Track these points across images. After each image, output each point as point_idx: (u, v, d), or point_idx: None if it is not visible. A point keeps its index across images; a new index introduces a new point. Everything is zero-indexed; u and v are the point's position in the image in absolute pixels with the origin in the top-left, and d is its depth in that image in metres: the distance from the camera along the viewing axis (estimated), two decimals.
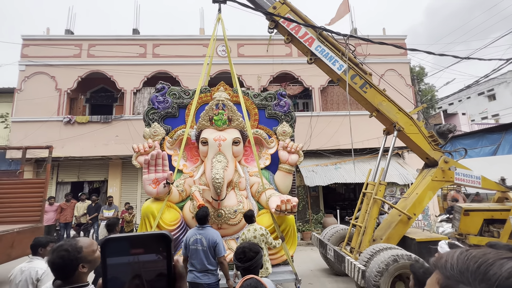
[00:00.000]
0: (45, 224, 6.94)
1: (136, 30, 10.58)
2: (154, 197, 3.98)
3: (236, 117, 4.64)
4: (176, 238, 4.04)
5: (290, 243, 4.10)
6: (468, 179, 4.91)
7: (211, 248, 2.77)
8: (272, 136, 4.90)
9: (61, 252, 1.20)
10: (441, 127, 5.06)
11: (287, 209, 3.71)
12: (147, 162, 3.79)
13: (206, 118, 4.56)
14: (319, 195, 9.57)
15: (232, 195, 4.29)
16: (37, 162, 8.46)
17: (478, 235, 4.93)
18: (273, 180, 4.67)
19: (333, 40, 4.91)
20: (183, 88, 5.09)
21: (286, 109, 5.04)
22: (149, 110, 4.77)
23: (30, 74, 8.79)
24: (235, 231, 4.19)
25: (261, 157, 4.83)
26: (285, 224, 4.01)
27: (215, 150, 4.31)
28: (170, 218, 4.02)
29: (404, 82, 9.76)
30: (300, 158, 4.58)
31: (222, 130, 4.56)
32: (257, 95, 5.13)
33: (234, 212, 4.09)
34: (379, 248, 3.91)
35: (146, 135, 4.58)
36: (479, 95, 29.04)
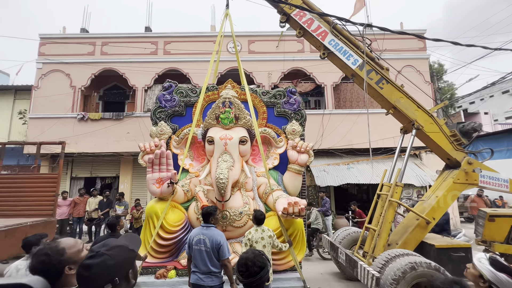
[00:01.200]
0: (58, 218, 7.12)
1: (148, 27, 10.66)
2: (158, 197, 3.90)
3: (244, 115, 4.48)
4: (179, 240, 3.94)
5: (298, 248, 3.90)
6: (494, 182, 4.54)
7: (214, 250, 2.65)
8: (281, 135, 4.71)
9: (40, 257, 1.11)
10: (465, 126, 4.69)
11: (294, 212, 3.51)
12: (151, 161, 3.72)
13: (213, 117, 4.43)
14: (331, 196, 9.30)
15: (238, 196, 4.14)
16: (52, 157, 8.69)
17: (504, 243, 4.56)
18: (282, 181, 4.48)
19: (347, 33, 4.67)
20: (190, 87, 5.01)
21: (296, 107, 4.84)
22: (156, 109, 4.72)
23: (47, 71, 9.03)
24: (240, 233, 4.00)
25: (269, 157, 4.66)
26: (293, 227, 3.83)
27: (221, 149, 4.17)
28: (174, 218, 3.92)
29: (423, 78, 9.28)
30: (310, 158, 4.37)
31: (228, 129, 4.42)
32: (265, 92, 4.95)
33: (239, 214, 3.93)
34: (395, 254, 3.66)
35: (153, 134, 4.53)
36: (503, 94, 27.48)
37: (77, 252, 1.19)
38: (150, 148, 4.18)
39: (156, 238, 3.77)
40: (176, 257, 3.99)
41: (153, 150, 4.05)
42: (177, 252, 4.01)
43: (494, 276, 1.42)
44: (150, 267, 3.83)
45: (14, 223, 4.72)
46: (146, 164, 3.92)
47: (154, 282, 3.65)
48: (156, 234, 3.74)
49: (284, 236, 3.67)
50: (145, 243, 3.84)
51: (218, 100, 4.51)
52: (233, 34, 4.76)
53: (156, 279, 3.69)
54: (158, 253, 3.90)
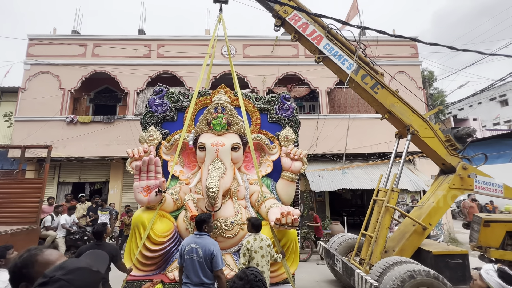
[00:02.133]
0: None
1: (141, 30, 10.54)
2: (146, 206, 3.71)
3: (236, 121, 4.37)
4: (167, 251, 3.73)
5: (291, 260, 3.76)
6: (489, 187, 4.54)
7: (207, 260, 2.50)
8: (275, 142, 4.61)
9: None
10: (459, 131, 4.71)
11: (287, 223, 3.40)
12: (138, 168, 3.53)
13: (204, 122, 4.30)
14: (325, 201, 9.22)
15: (230, 205, 3.98)
16: (38, 161, 8.36)
17: (500, 249, 4.54)
18: (275, 189, 4.36)
19: (342, 38, 4.66)
20: (182, 91, 4.88)
21: (290, 113, 4.76)
22: (146, 114, 4.56)
23: (35, 73, 8.76)
24: (231, 244, 3.86)
25: (262, 164, 4.54)
26: (286, 238, 3.68)
27: (212, 156, 4.04)
28: (162, 229, 3.72)
29: (415, 84, 9.40)
30: (304, 166, 4.27)
31: (220, 135, 4.29)
32: (259, 98, 4.86)
33: (230, 224, 3.77)
34: (393, 261, 3.58)
35: (142, 139, 4.36)
36: (490, 101, 28.29)
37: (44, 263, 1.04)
38: (138, 154, 3.99)
39: (143, 249, 3.56)
40: (163, 270, 3.77)
41: (141, 156, 3.86)
42: (165, 264, 3.78)
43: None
44: (135, 281, 3.60)
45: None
46: (134, 171, 3.72)
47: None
48: (143, 246, 3.53)
49: (276, 247, 3.53)
50: (131, 255, 3.63)
51: (210, 106, 4.39)
52: (226, 38, 4.68)
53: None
54: (144, 266, 3.67)
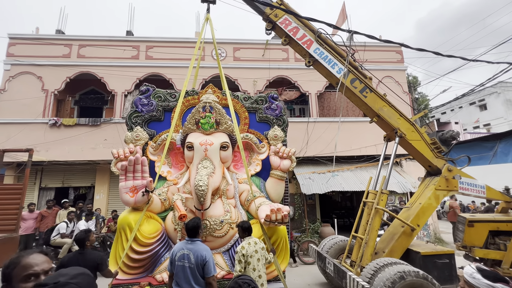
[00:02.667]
0: (24, 233, 6.46)
1: (130, 32, 10.33)
2: (132, 207, 3.61)
3: (225, 120, 4.36)
4: (155, 253, 3.63)
5: (281, 257, 3.76)
6: (472, 188, 4.71)
7: (199, 266, 2.43)
8: (263, 141, 4.65)
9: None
10: (444, 134, 4.87)
11: (277, 219, 3.38)
12: (124, 168, 3.43)
13: (192, 122, 4.27)
14: (316, 203, 9.28)
15: (219, 204, 3.96)
16: (19, 166, 7.96)
17: (483, 248, 4.70)
18: (264, 188, 4.37)
19: (331, 42, 4.74)
20: (169, 91, 4.82)
21: (278, 112, 4.84)
22: (132, 113, 4.47)
23: (16, 73, 8.39)
24: (221, 244, 3.83)
25: (251, 163, 4.56)
26: (276, 235, 3.69)
27: (201, 155, 4.01)
28: (150, 230, 3.63)
29: (401, 89, 9.69)
30: (292, 164, 4.32)
31: (209, 134, 4.27)
32: (247, 98, 4.89)
33: (220, 223, 3.74)
34: (384, 263, 3.62)
35: (128, 139, 4.25)
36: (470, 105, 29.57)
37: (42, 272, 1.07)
38: (124, 154, 3.90)
39: (129, 252, 3.45)
40: (151, 272, 3.67)
41: (127, 157, 3.76)
42: (152, 266, 3.68)
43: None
44: (121, 285, 3.47)
45: None
46: (119, 172, 3.62)
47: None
48: (129, 248, 3.43)
49: (267, 244, 3.52)
50: (117, 258, 3.50)
51: (198, 105, 4.37)
52: (213, 38, 4.66)
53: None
54: (131, 269, 3.56)
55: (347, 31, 3.87)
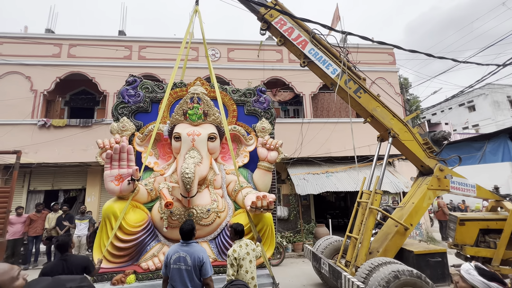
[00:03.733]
0: (11, 238, 6.28)
1: (122, 31, 10.18)
2: (117, 196, 3.58)
3: (213, 112, 4.40)
4: (141, 242, 3.63)
5: (267, 245, 3.83)
6: (463, 187, 4.79)
7: (196, 268, 2.39)
8: (251, 133, 4.71)
9: None
10: (436, 134, 4.96)
11: (263, 206, 3.44)
12: (109, 156, 3.40)
13: (180, 112, 4.29)
14: (310, 204, 9.32)
15: (206, 193, 4.00)
16: (6, 168, 7.73)
17: (474, 246, 4.79)
18: (252, 179, 4.44)
19: (326, 43, 4.77)
20: (156, 82, 4.83)
21: (266, 105, 4.92)
22: (118, 104, 4.44)
23: (3, 73, 8.15)
24: (207, 232, 3.87)
25: (239, 155, 4.62)
26: (262, 223, 3.76)
27: (188, 145, 4.03)
28: (135, 219, 3.62)
29: (394, 90, 9.83)
30: (279, 155, 4.41)
31: (197, 125, 4.30)
32: (235, 91, 4.95)
33: (207, 212, 3.78)
34: (378, 262, 3.64)
35: (114, 130, 4.22)
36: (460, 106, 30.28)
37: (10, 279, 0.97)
38: (110, 144, 3.86)
39: (114, 240, 3.44)
40: (136, 260, 3.67)
41: (112, 147, 3.73)
42: (138, 255, 3.69)
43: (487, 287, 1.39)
44: (106, 273, 3.45)
45: None
46: (104, 161, 3.58)
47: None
48: (114, 236, 3.41)
49: (253, 232, 3.57)
50: (101, 247, 3.48)
51: (186, 96, 4.39)
52: (202, 30, 4.64)
53: (113, 285, 3.34)
54: (115, 257, 3.55)
55: (341, 32, 3.91)
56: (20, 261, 6.50)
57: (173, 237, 3.83)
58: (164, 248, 3.80)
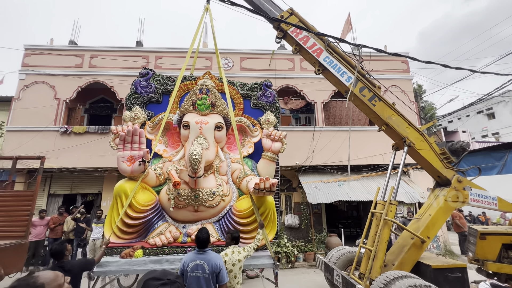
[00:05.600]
0: (34, 240, 6.55)
1: (139, 42, 10.62)
2: (129, 176, 3.80)
3: (220, 103, 4.59)
4: (149, 220, 3.83)
5: (269, 228, 3.94)
6: (483, 200, 4.61)
7: (213, 275, 2.42)
8: (256, 126, 4.86)
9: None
10: (454, 144, 4.83)
11: (265, 187, 3.56)
12: (122, 138, 3.63)
13: (189, 103, 4.50)
14: (322, 213, 9.18)
15: (212, 178, 4.19)
16: (29, 172, 8.13)
17: (496, 261, 4.57)
18: (256, 169, 4.58)
19: (341, 51, 4.80)
20: (167, 75, 5.06)
21: (272, 99, 5.06)
22: (131, 95, 4.71)
23: (30, 83, 8.66)
24: (212, 214, 4.04)
25: (244, 146, 4.78)
26: (264, 207, 3.87)
27: (196, 133, 4.25)
28: (144, 199, 3.82)
29: (408, 98, 9.67)
30: (283, 146, 4.53)
31: (205, 115, 4.50)
32: (242, 85, 5.14)
33: (212, 194, 3.96)
34: (394, 276, 3.55)
35: (126, 118, 4.47)
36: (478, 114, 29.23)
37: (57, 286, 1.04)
38: (123, 131, 4.05)
39: (124, 217, 3.64)
40: (144, 237, 3.86)
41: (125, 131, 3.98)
42: (145, 233, 3.88)
43: None
44: (115, 247, 3.65)
45: None
46: (116, 147, 3.83)
47: (119, 262, 3.47)
48: (124, 213, 3.60)
49: (255, 215, 3.73)
50: (111, 223, 3.68)
51: (195, 87, 4.59)
52: (213, 27, 4.80)
53: (122, 258, 3.51)
54: (125, 234, 3.75)
55: (356, 45, 3.94)
56: (39, 262, 6.75)
57: (179, 217, 4.05)
58: (170, 227, 3.97)
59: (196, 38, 4.73)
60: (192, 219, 4.07)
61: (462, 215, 8.98)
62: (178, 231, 3.92)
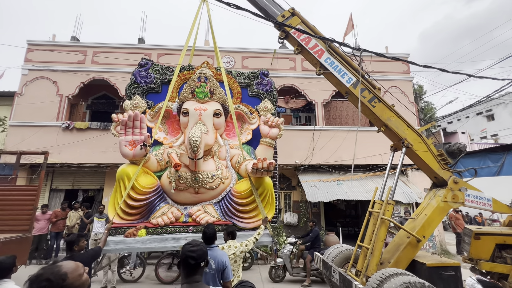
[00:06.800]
0: (37, 234, 6.64)
1: (141, 39, 10.66)
2: (130, 160, 3.92)
3: (218, 91, 4.70)
4: (151, 202, 3.97)
5: (268, 208, 4.08)
6: (479, 201, 4.72)
7: (219, 271, 2.48)
8: (254, 113, 4.97)
9: (42, 283, 1.01)
10: (451, 146, 4.91)
11: (263, 167, 3.68)
12: (124, 123, 3.74)
13: (188, 91, 4.59)
14: (321, 211, 9.30)
15: (211, 162, 4.33)
16: (32, 167, 8.21)
17: (490, 261, 4.68)
18: (254, 155, 4.70)
19: (342, 52, 4.87)
20: (166, 65, 5.13)
21: (269, 88, 5.16)
22: (131, 85, 4.81)
23: (32, 78, 8.71)
24: (212, 196, 4.18)
25: (242, 133, 4.89)
26: (262, 187, 4.01)
27: (195, 119, 4.36)
28: (146, 182, 3.96)
29: (407, 99, 9.75)
30: (280, 132, 4.65)
31: (203, 103, 4.60)
32: (240, 74, 5.24)
33: (212, 177, 4.10)
34: (389, 273, 3.65)
35: (127, 106, 4.56)
36: (477, 115, 29.30)
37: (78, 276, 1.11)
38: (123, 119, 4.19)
39: (127, 199, 3.77)
40: (146, 218, 3.99)
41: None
42: (148, 214, 4.01)
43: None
44: (119, 228, 3.78)
45: None
46: (118, 134, 3.95)
47: (124, 240, 3.63)
48: (127, 195, 3.73)
49: (254, 195, 3.91)
50: (115, 205, 3.81)
51: (194, 75, 4.69)
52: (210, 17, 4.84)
53: (126, 237, 3.66)
54: (128, 215, 3.89)
55: (357, 49, 4.01)
56: (42, 256, 6.86)
57: (180, 199, 4.18)
58: (172, 209, 4.10)
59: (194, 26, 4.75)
60: (193, 201, 4.19)
61: (459, 215, 9.11)
62: (179, 212, 4.05)
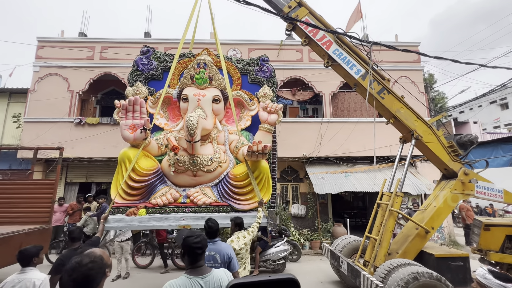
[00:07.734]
0: (54, 225, 6.94)
1: (147, 33, 10.68)
2: (131, 143, 4.07)
3: (217, 77, 4.76)
4: (151, 183, 4.14)
5: (264, 191, 4.17)
6: (489, 192, 4.68)
7: (225, 264, 2.55)
8: (254, 100, 5.00)
9: (88, 265, 1.15)
10: (462, 138, 4.85)
11: (258, 150, 3.74)
12: (124, 107, 3.88)
13: (188, 77, 4.68)
14: (328, 203, 9.36)
15: (209, 146, 4.44)
16: (47, 162, 8.50)
17: (499, 252, 4.67)
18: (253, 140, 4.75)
19: (350, 43, 4.80)
20: (167, 52, 5.20)
21: (269, 74, 5.16)
22: (133, 72, 4.91)
23: (44, 75, 8.90)
24: (210, 179, 4.30)
25: (241, 119, 4.94)
26: (258, 170, 4.09)
27: (194, 104, 4.46)
28: (147, 164, 4.11)
29: (417, 89, 9.54)
30: (279, 118, 4.68)
31: (203, 89, 4.69)
32: (240, 60, 5.26)
33: (209, 160, 4.21)
34: (397, 263, 3.72)
35: (129, 93, 4.68)
36: (491, 104, 28.37)
37: (107, 257, 1.28)
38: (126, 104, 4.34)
39: (128, 180, 3.94)
40: (147, 199, 4.16)
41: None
42: (148, 195, 4.17)
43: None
44: (120, 207, 3.97)
45: (9, 231, 4.58)
46: (119, 119, 4.09)
47: (125, 219, 3.81)
48: (128, 177, 3.89)
49: (250, 178, 4.00)
50: (117, 186, 4.01)
51: (193, 62, 4.75)
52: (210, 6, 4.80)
53: (127, 216, 3.83)
54: (129, 196, 4.07)
55: (367, 42, 3.95)
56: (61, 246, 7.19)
57: (179, 182, 4.32)
58: (171, 190, 4.25)
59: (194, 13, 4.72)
60: (191, 184, 4.32)
61: (469, 207, 9.02)
62: (178, 193, 4.20)
